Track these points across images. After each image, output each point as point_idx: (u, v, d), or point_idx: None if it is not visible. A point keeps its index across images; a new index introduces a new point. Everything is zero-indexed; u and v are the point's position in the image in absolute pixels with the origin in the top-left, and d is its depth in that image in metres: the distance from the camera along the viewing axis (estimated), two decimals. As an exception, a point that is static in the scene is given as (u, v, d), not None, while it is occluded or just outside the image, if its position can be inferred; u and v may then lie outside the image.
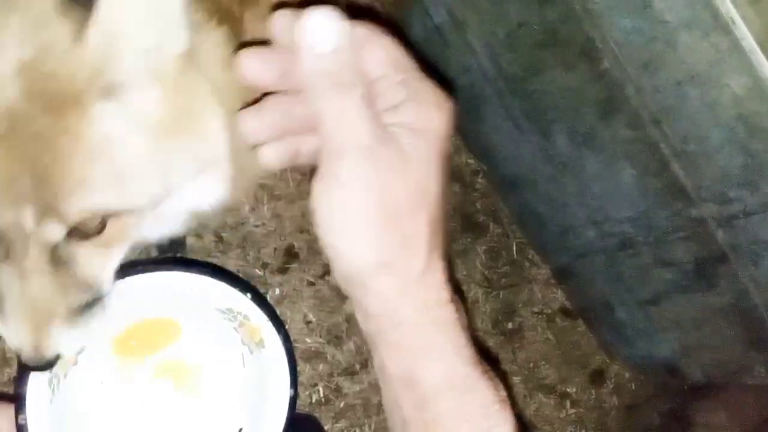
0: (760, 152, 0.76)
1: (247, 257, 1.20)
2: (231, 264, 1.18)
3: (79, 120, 0.44)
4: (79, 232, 0.48)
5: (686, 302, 1.05)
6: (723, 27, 0.69)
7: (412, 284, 0.44)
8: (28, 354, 0.50)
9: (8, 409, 0.58)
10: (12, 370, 1.04)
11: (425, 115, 0.46)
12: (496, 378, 0.47)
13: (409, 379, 0.45)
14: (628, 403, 1.34)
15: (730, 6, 0.67)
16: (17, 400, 0.57)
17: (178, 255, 1.12)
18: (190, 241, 1.16)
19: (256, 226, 1.22)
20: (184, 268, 0.62)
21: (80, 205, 0.46)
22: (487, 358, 0.49)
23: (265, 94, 0.48)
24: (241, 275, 1.16)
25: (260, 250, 1.21)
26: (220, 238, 1.19)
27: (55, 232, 0.47)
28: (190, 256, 1.16)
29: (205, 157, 0.52)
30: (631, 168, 0.95)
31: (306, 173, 1.25)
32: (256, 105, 0.47)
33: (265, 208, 1.23)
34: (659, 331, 1.16)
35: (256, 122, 0.47)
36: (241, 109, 0.48)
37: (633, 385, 1.34)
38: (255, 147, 0.49)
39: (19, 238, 0.46)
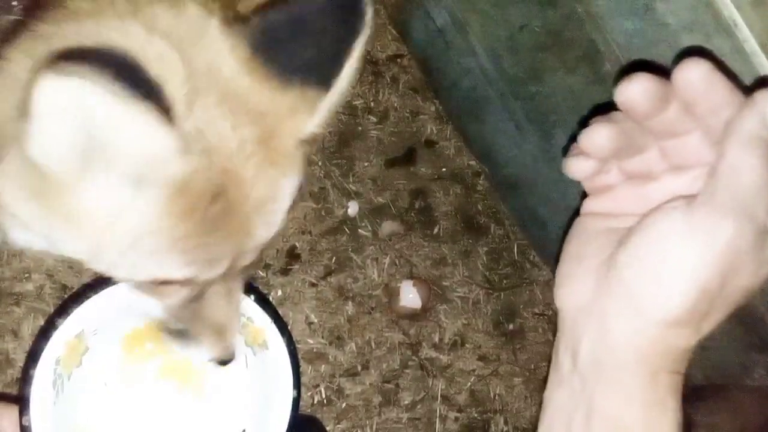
0: (761, 155, 0.76)
1: (249, 258, 1.20)
2: (233, 265, 1.18)
3: (292, 167, 0.55)
4: None
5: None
6: (725, 30, 0.69)
7: (677, 350, 0.46)
8: (224, 356, 0.61)
9: (12, 410, 0.58)
10: (15, 371, 1.04)
11: None
12: None
13: (616, 424, 0.46)
14: (629, 405, 1.34)
15: (733, 9, 0.68)
16: (21, 402, 0.57)
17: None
18: (193, 242, 1.17)
19: (258, 228, 1.22)
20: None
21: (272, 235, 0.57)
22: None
23: None
24: (243, 276, 1.16)
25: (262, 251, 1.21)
26: (222, 240, 1.19)
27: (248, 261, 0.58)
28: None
29: None
30: (632, 170, 0.95)
31: (307, 175, 1.25)
32: (606, 118, 0.47)
33: (267, 209, 1.23)
34: (660, 333, 1.16)
35: (604, 135, 0.46)
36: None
37: (634, 386, 1.34)
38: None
39: (227, 274, 0.56)
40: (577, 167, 0.49)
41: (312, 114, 0.52)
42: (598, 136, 0.46)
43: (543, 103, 1.04)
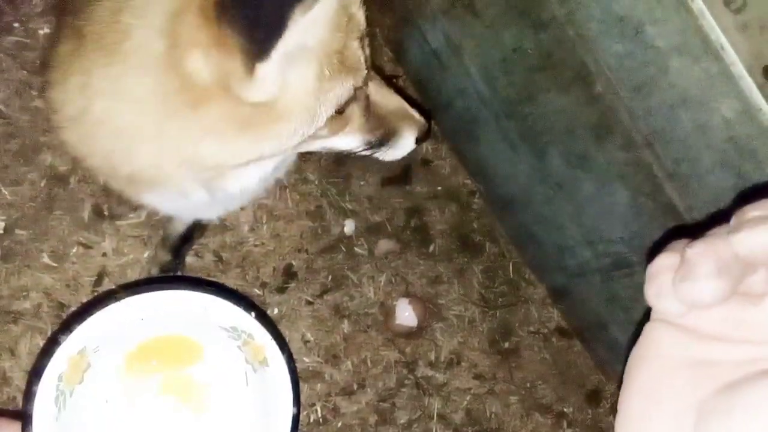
0: (750, 173, 0.78)
1: (246, 277, 1.21)
2: (230, 283, 1.19)
3: None
4: None
5: (680, 321, 1.06)
6: (713, 53, 0.71)
7: None
8: (423, 127, 0.79)
9: (15, 427, 0.58)
10: (11, 390, 1.04)
11: None
12: None
13: None
14: (624, 422, 1.34)
15: (720, 32, 0.70)
16: (24, 418, 0.57)
17: (179, 274, 1.13)
18: (190, 260, 1.17)
19: (256, 246, 1.23)
20: (190, 287, 0.62)
21: None
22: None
23: None
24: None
25: (259, 269, 1.22)
26: (219, 258, 1.20)
27: None
28: (190, 275, 1.16)
29: None
30: (624, 189, 0.97)
31: (304, 193, 1.27)
32: (715, 261, 0.40)
33: (265, 228, 1.24)
34: (654, 350, 1.16)
35: (715, 294, 0.36)
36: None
37: (629, 404, 1.34)
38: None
39: (369, 75, 0.72)
40: (668, 308, 0.41)
41: None
42: (708, 293, 0.38)
43: (536, 123, 1.06)
